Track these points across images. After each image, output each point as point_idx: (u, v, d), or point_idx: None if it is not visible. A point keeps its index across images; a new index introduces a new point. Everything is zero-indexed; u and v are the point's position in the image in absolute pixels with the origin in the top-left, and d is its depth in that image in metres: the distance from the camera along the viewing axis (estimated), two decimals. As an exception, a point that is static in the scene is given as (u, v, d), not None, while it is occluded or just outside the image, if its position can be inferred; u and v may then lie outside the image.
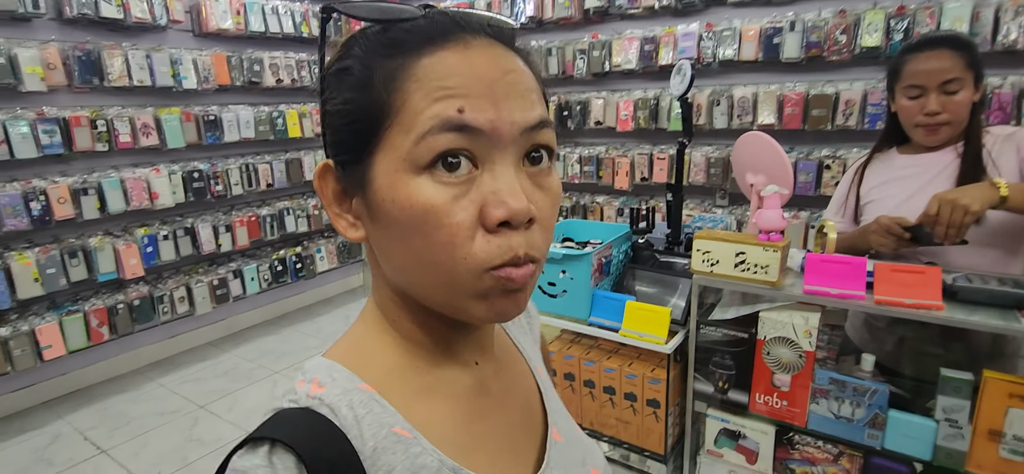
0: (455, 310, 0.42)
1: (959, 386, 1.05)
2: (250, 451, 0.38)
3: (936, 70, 1.29)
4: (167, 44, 3.32)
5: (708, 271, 1.29)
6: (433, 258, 0.39)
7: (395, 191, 0.39)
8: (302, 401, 0.41)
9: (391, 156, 0.39)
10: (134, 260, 3.18)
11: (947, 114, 1.30)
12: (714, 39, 3.09)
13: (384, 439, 0.41)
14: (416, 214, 0.39)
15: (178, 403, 3.09)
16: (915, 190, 1.38)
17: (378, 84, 0.39)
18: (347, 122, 0.41)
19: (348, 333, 0.48)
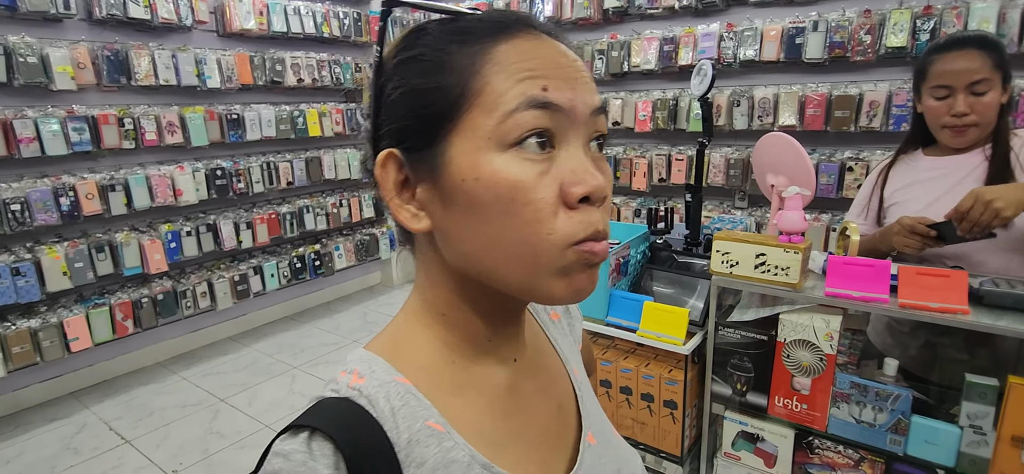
0: (533, 290, 0.42)
1: (984, 392, 1.03)
2: (291, 436, 0.40)
3: (964, 70, 1.26)
4: (192, 44, 3.39)
5: (727, 272, 1.28)
6: (518, 235, 0.40)
7: (478, 170, 0.40)
8: (343, 391, 0.42)
9: (472, 136, 0.40)
10: (158, 255, 3.25)
11: (975, 115, 1.28)
12: (735, 39, 3.06)
13: (418, 432, 0.42)
14: (502, 192, 0.40)
15: (199, 396, 3.15)
16: (941, 193, 1.36)
17: (456, 68, 0.41)
18: (419, 107, 0.42)
19: (389, 326, 0.49)
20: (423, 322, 0.48)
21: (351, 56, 4.30)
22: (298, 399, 3.09)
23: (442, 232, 0.44)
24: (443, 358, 0.47)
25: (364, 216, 4.48)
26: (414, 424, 0.42)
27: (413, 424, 0.42)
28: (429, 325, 0.47)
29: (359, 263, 4.54)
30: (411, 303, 0.49)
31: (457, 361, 0.47)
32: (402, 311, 0.50)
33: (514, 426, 0.48)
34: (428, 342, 0.47)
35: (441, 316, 0.47)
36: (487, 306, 0.47)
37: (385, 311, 4.40)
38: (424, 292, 0.48)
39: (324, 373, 3.37)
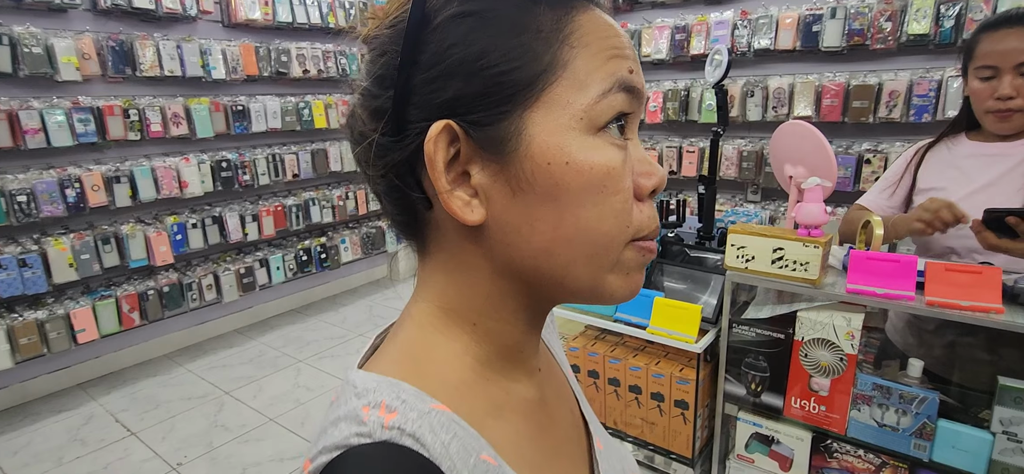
0: (596, 288, 0.38)
1: (1019, 397, 0.97)
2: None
3: (1012, 50, 1.18)
4: (197, 34, 3.36)
5: (743, 268, 1.22)
6: (602, 226, 0.36)
7: (568, 153, 0.35)
8: (378, 434, 0.33)
9: (558, 113, 0.35)
10: (164, 247, 3.23)
11: (1022, 100, 1.19)
12: (749, 27, 2.98)
13: (475, 468, 0.36)
14: (595, 178, 0.35)
15: (205, 388, 3.14)
16: (982, 184, 1.27)
17: (542, 31, 0.35)
18: (492, 71, 0.35)
19: (397, 341, 0.41)
20: (446, 333, 0.40)
21: (357, 47, 4.25)
22: (303, 392, 3.07)
23: (504, 224, 0.37)
24: (476, 374, 0.40)
25: (370, 209, 4.45)
26: (469, 459, 0.35)
27: (468, 459, 0.35)
28: (454, 337, 0.40)
29: (365, 256, 4.51)
30: (424, 312, 0.41)
31: (491, 377, 0.41)
32: (410, 322, 0.41)
33: (549, 443, 0.44)
34: (456, 357, 0.40)
35: (471, 326, 0.40)
36: (527, 311, 0.41)
37: (391, 305, 4.37)
38: (446, 298, 0.40)
39: (330, 366, 3.35)
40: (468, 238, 0.38)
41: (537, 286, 0.39)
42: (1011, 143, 1.26)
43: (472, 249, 0.38)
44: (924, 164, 1.39)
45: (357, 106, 0.39)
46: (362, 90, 0.39)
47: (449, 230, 0.39)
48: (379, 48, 0.38)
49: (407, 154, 0.37)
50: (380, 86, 0.37)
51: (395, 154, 0.37)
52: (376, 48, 0.38)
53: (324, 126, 4.00)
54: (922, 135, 2.43)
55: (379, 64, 0.37)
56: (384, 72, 0.37)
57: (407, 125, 0.36)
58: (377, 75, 0.37)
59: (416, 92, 0.36)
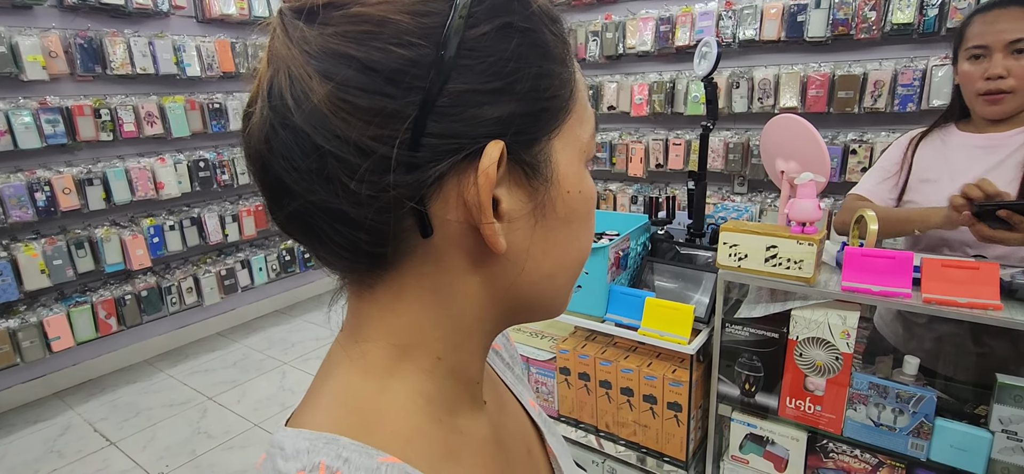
0: (564, 303, 0.40)
1: (1019, 395, 0.95)
2: None
3: (1004, 29, 1.15)
4: (170, 31, 3.26)
5: (735, 266, 1.20)
6: (585, 249, 0.39)
7: (581, 182, 0.37)
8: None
9: (572, 144, 0.36)
10: (141, 251, 3.14)
11: (1013, 80, 1.16)
12: (734, 18, 2.96)
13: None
14: (591, 206, 0.38)
15: (187, 394, 3.07)
16: (978, 174, 1.25)
17: (566, 62, 0.35)
18: (547, 95, 0.34)
19: (332, 391, 0.35)
20: (396, 375, 0.35)
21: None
22: (288, 395, 3.01)
23: (521, 251, 0.35)
24: (429, 418, 0.36)
25: (355, 206, 4.38)
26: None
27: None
28: (405, 378, 0.35)
29: (351, 254, 4.45)
30: (369, 352, 0.35)
31: (443, 419, 0.37)
32: (347, 365, 0.36)
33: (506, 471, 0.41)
34: (408, 400, 0.35)
35: (435, 361, 0.36)
36: (491, 336, 0.39)
37: (378, 303, 4.32)
38: (407, 334, 0.35)
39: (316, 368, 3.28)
40: (475, 267, 0.35)
41: (520, 308, 0.38)
42: (1001, 134, 1.23)
43: (475, 278, 0.35)
44: (917, 154, 1.37)
45: (330, 100, 0.29)
46: (346, 79, 0.29)
47: (452, 258, 0.34)
48: (395, 33, 0.29)
49: (433, 174, 0.30)
50: (395, 84, 0.29)
51: (413, 174, 0.30)
52: (387, 31, 0.29)
53: (305, 123, 3.92)
54: (907, 125, 2.44)
55: (395, 56, 0.29)
56: (403, 67, 0.29)
57: (428, 138, 0.30)
58: (390, 68, 0.29)
59: (452, 102, 0.30)
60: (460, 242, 0.33)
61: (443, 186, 0.31)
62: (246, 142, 0.33)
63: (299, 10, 0.31)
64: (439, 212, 0.32)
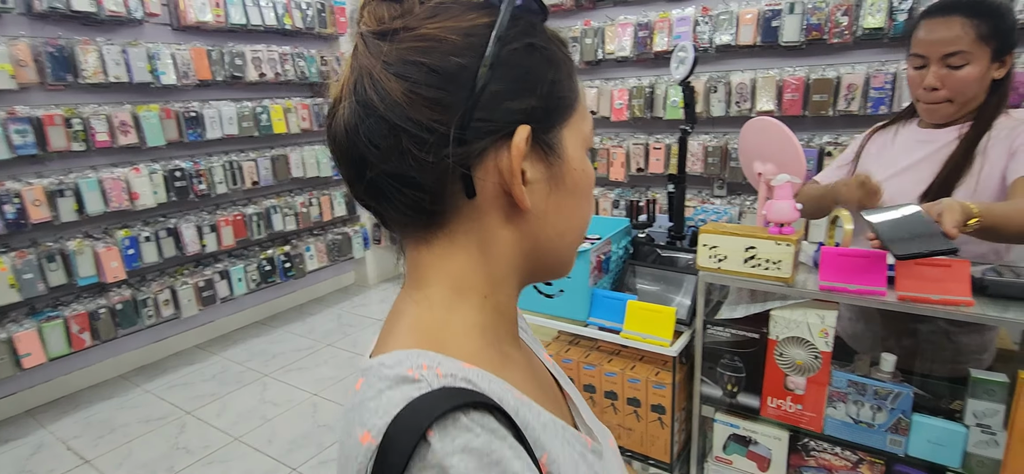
0: (571, 260, 0.52)
1: (992, 389, 0.98)
2: (442, 435, 0.35)
3: (939, 40, 1.16)
4: (144, 38, 3.20)
5: (715, 267, 1.21)
6: (587, 215, 0.51)
7: (583, 162, 0.49)
8: (435, 383, 0.38)
9: (577, 133, 0.48)
10: (115, 263, 3.07)
11: (946, 91, 1.19)
12: (711, 23, 3.00)
13: (515, 402, 0.42)
14: (590, 182, 0.50)
15: (165, 409, 3.00)
16: (903, 167, 1.29)
17: (570, 73, 0.48)
18: (551, 94, 0.45)
19: (409, 325, 0.45)
20: (457, 311, 0.46)
21: (316, 49, 4.13)
22: (270, 408, 2.96)
23: (540, 211, 0.46)
24: (484, 342, 0.46)
25: (335, 214, 4.34)
26: (508, 398, 0.42)
27: (507, 398, 0.42)
28: (463, 313, 0.46)
29: (332, 263, 4.40)
30: (433, 295, 0.46)
31: (493, 344, 0.48)
32: (416, 306, 0.46)
33: (541, 392, 0.52)
34: (467, 330, 0.46)
35: (482, 299, 0.47)
36: (521, 284, 0.51)
37: (360, 312, 4.28)
38: (462, 277, 0.46)
39: (297, 379, 3.24)
40: (507, 222, 0.46)
41: (541, 261, 0.50)
42: (939, 130, 1.27)
43: (507, 231, 0.46)
44: (869, 144, 1.41)
45: (403, 95, 0.40)
46: (415, 80, 0.40)
47: (490, 215, 0.45)
48: (450, 47, 0.41)
49: (477, 148, 0.42)
50: (451, 83, 0.41)
51: (463, 147, 0.41)
52: (444, 46, 0.41)
53: (284, 131, 3.88)
54: (881, 127, 2.48)
55: (450, 63, 0.41)
56: (456, 72, 0.41)
57: (474, 123, 0.41)
58: (448, 71, 0.41)
59: (491, 98, 0.42)
60: (495, 202, 0.44)
61: (484, 158, 0.43)
62: (333, 130, 0.44)
63: (378, 32, 0.43)
64: (480, 178, 0.43)
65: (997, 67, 1.19)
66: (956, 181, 1.21)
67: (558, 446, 0.44)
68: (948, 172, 1.22)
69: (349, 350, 3.60)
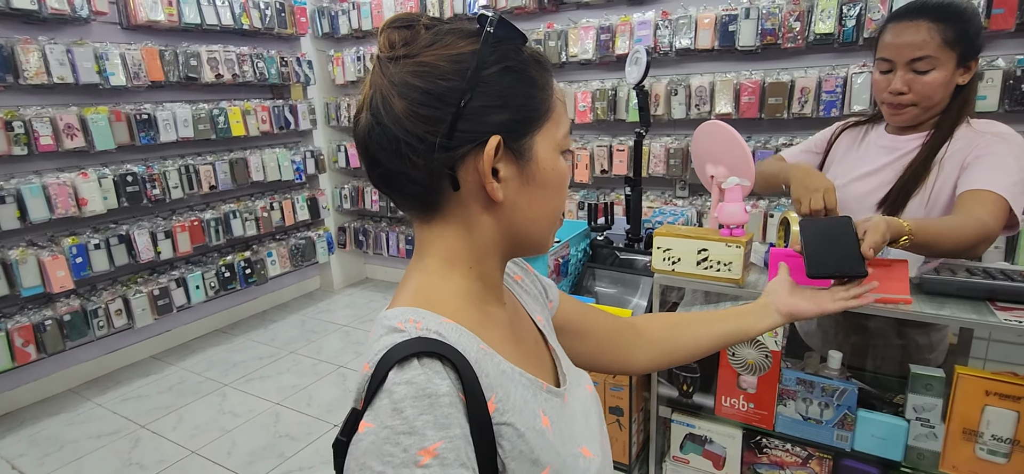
0: (545, 243, 0.63)
1: (930, 383, 1.01)
2: (399, 369, 0.48)
3: (906, 45, 1.17)
4: (91, 37, 3.08)
5: (669, 270, 1.22)
6: (559, 208, 0.62)
7: (555, 163, 0.59)
8: (412, 333, 0.51)
9: (549, 139, 0.58)
10: (62, 272, 2.94)
11: (912, 95, 1.20)
12: (670, 27, 3.04)
13: (477, 352, 0.54)
14: (562, 179, 0.60)
15: (117, 423, 2.89)
16: (866, 171, 1.31)
17: (545, 88, 0.58)
18: (524, 108, 0.56)
19: (408, 286, 0.59)
20: (445, 276, 0.59)
21: (276, 49, 4.04)
22: (230, 419, 2.88)
23: (513, 202, 0.58)
24: (468, 301, 0.59)
25: (298, 219, 4.25)
26: (471, 348, 0.53)
27: (470, 348, 0.53)
28: (450, 278, 0.59)
29: (295, 268, 4.30)
30: (429, 264, 0.59)
31: (476, 304, 0.59)
32: (418, 272, 0.60)
33: (521, 349, 0.63)
34: (454, 292, 0.58)
35: (468, 268, 0.59)
36: (504, 258, 0.62)
37: (325, 318, 4.20)
38: (452, 251, 0.59)
39: (259, 388, 3.16)
40: (486, 210, 0.58)
41: (517, 242, 0.61)
42: (904, 137, 1.28)
43: (487, 217, 0.58)
44: (838, 141, 1.42)
45: (404, 111, 0.53)
46: (413, 99, 0.53)
47: (472, 204, 0.57)
48: (440, 73, 0.53)
49: (459, 153, 0.54)
50: (440, 101, 0.53)
51: (448, 152, 0.53)
52: (436, 72, 0.53)
53: (242, 133, 3.78)
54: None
55: (440, 85, 0.53)
56: (444, 92, 0.53)
57: (457, 133, 0.53)
58: (437, 92, 0.53)
59: (471, 113, 0.53)
60: (476, 195, 0.56)
61: (466, 160, 0.54)
62: (356, 133, 0.58)
63: (389, 57, 0.54)
64: (463, 175, 0.55)
65: (962, 73, 1.19)
66: (913, 190, 1.23)
67: (511, 388, 0.55)
68: (906, 180, 1.23)
69: (313, 357, 3.53)
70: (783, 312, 0.89)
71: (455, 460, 0.46)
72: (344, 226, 4.82)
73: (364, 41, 4.41)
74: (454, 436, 0.47)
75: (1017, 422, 0.95)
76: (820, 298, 0.89)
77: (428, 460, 0.45)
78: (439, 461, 0.45)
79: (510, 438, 0.52)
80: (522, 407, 0.55)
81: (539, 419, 0.56)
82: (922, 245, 1.00)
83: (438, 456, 0.45)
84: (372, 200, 4.56)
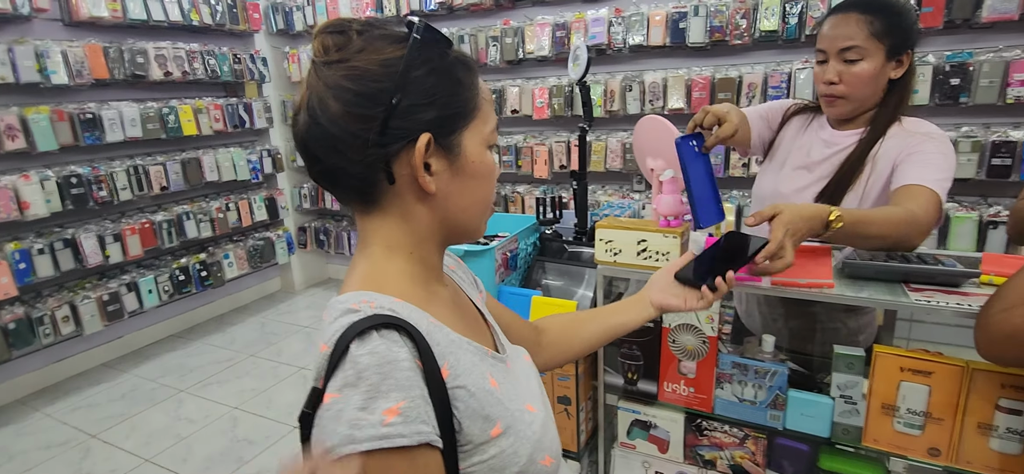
0: (477, 229, 0.69)
1: (852, 362, 1.07)
2: (359, 341, 0.52)
3: (837, 36, 1.21)
4: (32, 35, 2.96)
5: (611, 261, 1.26)
6: (488, 198, 0.68)
7: (482, 157, 0.65)
8: (367, 313, 0.55)
9: (477, 134, 0.64)
10: (4, 278, 2.83)
11: (843, 86, 1.23)
12: (623, 24, 3.10)
13: (428, 325, 0.59)
14: (489, 172, 0.66)
15: (66, 433, 2.80)
16: (807, 163, 1.35)
17: (470, 88, 0.63)
18: (450, 107, 0.61)
19: (358, 273, 0.64)
20: (389, 261, 0.64)
21: (228, 46, 3.95)
22: (185, 425, 2.81)
23: (445, 193, 0.63)
24: (413, 282, 0.64)
25: (256, 219, 4.17)
26: (422, 322, 0.58)
27: (422, 321, 0.58)
28: (393, 262, 0.64)
29: (253, 270, 4.23)
30: (373, 252, 0.64)
31: (420, 285, 0.65)
32: (363, 259, 0.65)
33: (466, 322, 0.69)
34: (399, 275, 0.63)
35: (408, 254, 0.65)
36: (440, 244, 0.68)
37: (286, 319, 4.13)
38: (393, 238, 0.64)
39: (218, 393, 3.10)
40: (420, 200, 0.63)
41: (451, 229, 0.66)
42: (843, 132, 1.32)
43: (422, 207, 0.63)
44: (787, 124, 1.45)
45: (339, 112, 0.57)
46: (347, 101, 0.57)
47: (407, 195, 0.62)
48: (371, 76, 0.57)
49: (393, 149, 0.59)
50: (372, 102, 0.57)
51: (382, 149, 0.58)
52: (368, 75, 0.57)
53: (194, 133, 3.69)
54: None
55: (371, 87, 0.57)
56: (375, 94, 0.57)
57: (389, 131, 0.58)
58: (369, 94, 0.57)
59: (401, 112, 0.58)
60: (411, 187, 0.61)
61: (399, 155, 0.59)
62: (295, 132, 0.62)
63: (323, 62, 0.58)
64: (398, 170, 0.60)
65: (894, 66, 1.22)
66: (848, 185, 1.27)
67: (461, 354, 0.60)
68: (842, 176, 1.27)
69: (273, 360, 3.48)
70: (655, 304, 0.97)
71: (416, 417, 0.51)
72: (304, 226, 4.75)
73: (321, 38, 4.34)
74: (414, 396, 0.51)
75: (929, 395, 1.01)
76: (688, 295, 0.96)
77: (392, 419, 0.49)
78: (403, 418, 0.50)
79: (463, 399, 0.57)
80: (471, 370, 0.60)
81: (487, 380, 0.62)
82: (851, 230, 1.03)
83: (401, 414, 0.50)
84: (333, 199, 4.50)
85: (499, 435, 0.60)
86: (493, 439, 0.59)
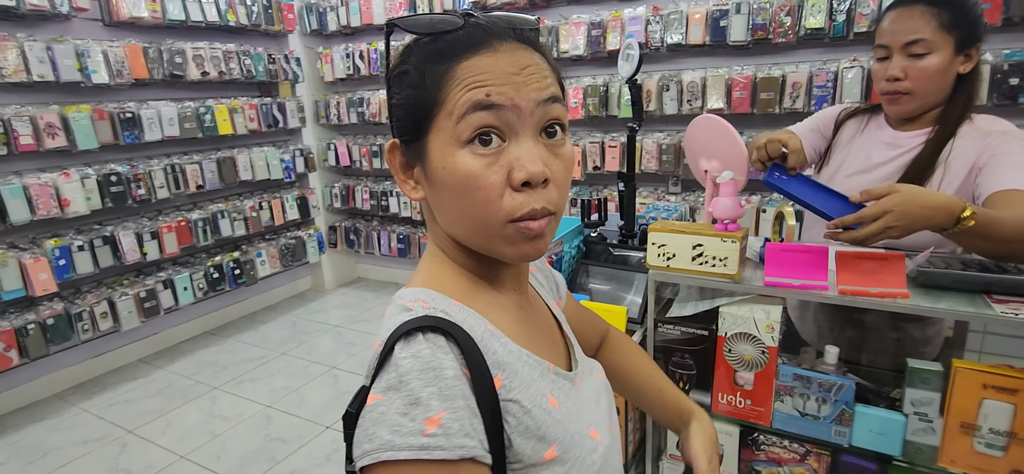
0: (491, 251, 0.57)
1: (928, 377, 1.00)
2: (405, 343, 0.50)
3: (900, 30, 1.15)
4: (72, 34, 3.01)
5: (664, 266, 1.20)
6: (473, 211, 0.54)
7: (445, 161, 0.53)
8: (420, 312, 0.53)
9: (441, 135, 0.53)
10: (44, 275, 2.88)
11: (909, 82, 1.17)
12: (661, 23, 3.03)
13: (483, 333, 0.55)
14: (459, 179, 0.53)
15: (103, 429, 2.84)
16: (861, 168, 1.29)
17: (429, 84, 0.53)
18: (408, 112, 0.55)
19: (420, 272, 0.62)
20: (445, 263, 0.61)
21: (263, 46, 3.98)
22: (219, 423, 2.83)
23: (433, 203, 0.58)
24: (471, 286, 0.60)
25: (288, 218, 4.20)
26: (478, 327, 0.55)
27: (478, 327, 0.55)
28: (450, 264, 0.61)
29: (285, 269, 4.26)
30: (431, 251, 0.63)
31: (481, 288, 0.61)
32: (426, 258, 0.63)
33: (532, 333, 0.64)
34: (457, 275, 0.60)
35: (453, 259, 0.61)
36: (474, 253, 0.60)
37: (317, 318, 4.16)
38: (438, 239, 0.62)
39: (250, 391, 3.12)
40: (429, 209, 0.61)
41: (462, 240, 0.59)
42: (906, 133, 1.25)
43: (432, 217, 0.61)
44: (842, 129, 1.38)
45: None
46: None
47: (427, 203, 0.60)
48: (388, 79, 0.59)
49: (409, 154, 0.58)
50: None
51: None
52: None
53: (230, 132, 3.72)
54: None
55: None
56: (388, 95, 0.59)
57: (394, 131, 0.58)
58: None
59: (392, 113, 0.58)
60: None
61: None
62: None
63: None
64: None
65: (962, 60, 1.17)
66: None
67: (518, 367, 0.56)
68: (909, 180, 1.20)
69: (305, 358, 3.50)
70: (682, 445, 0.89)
71: (459, 430, 0.47)
72: (335, 225, 4.77)
73: (353, 38, 4.36)
74: (458, 408, 0.48)
75: (1014, 415, 0.94)
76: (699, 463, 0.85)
77: (433, 429, 0.47)
78: (444, 431, 0.47)
79: (516, 414, 0.54)
80: (529, 385, 0.56)
81: (546, 398, 0.57)
82: (982, 231, 0.93)
83: (443, 426, 0.47)
84: (363, 199, 4.51)
85: (553, 459, 0.55)
86: (546, 462, 0.55)
